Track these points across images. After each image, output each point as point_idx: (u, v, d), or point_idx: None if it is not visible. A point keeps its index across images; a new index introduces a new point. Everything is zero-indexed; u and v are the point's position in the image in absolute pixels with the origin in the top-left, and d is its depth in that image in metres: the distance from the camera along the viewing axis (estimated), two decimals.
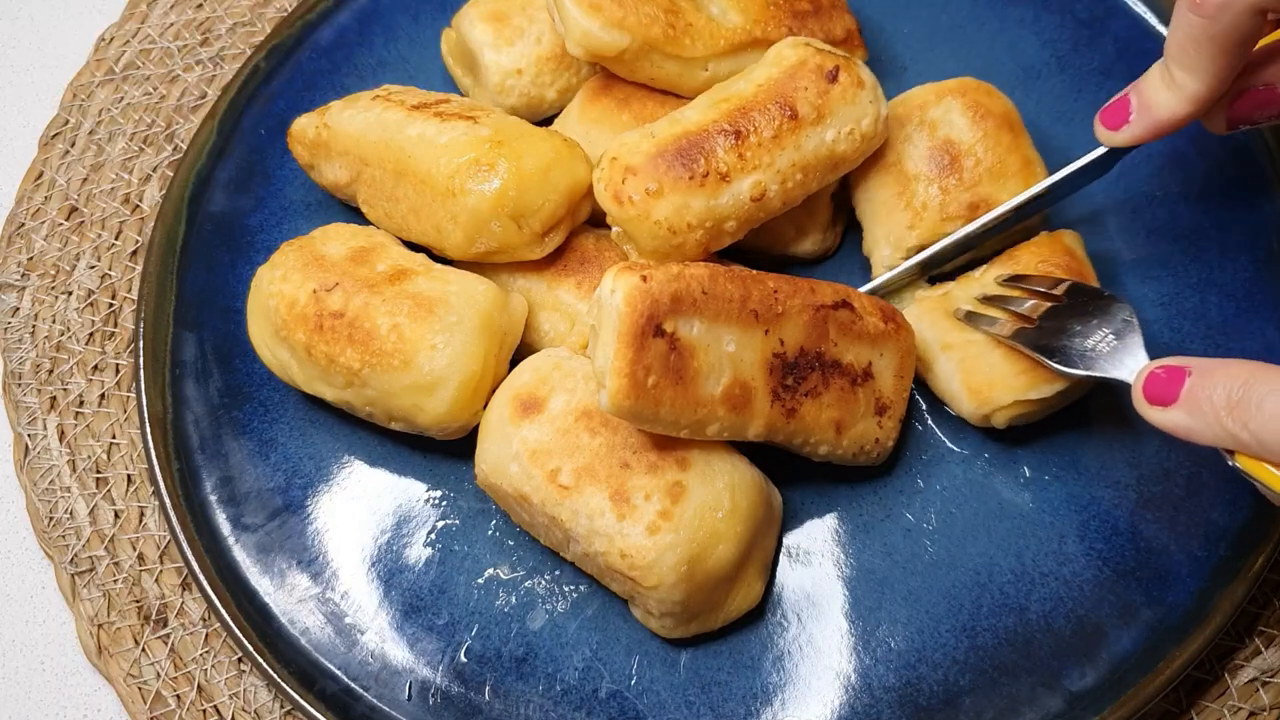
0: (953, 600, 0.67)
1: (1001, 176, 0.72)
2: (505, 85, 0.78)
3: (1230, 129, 0.62)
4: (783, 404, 0.62)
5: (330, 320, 0.67)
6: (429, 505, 0.71)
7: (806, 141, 0.69)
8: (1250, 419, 0.48)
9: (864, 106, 0.70)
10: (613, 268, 0.59)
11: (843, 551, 0.69)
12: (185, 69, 0.92)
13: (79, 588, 0.73)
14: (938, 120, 0.73)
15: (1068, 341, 0.64)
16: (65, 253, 0.85)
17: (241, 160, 0.81)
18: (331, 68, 0.85)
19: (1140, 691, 0.62)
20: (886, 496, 0.70)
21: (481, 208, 0.67)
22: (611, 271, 0.59)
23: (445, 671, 0.66)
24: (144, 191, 0.87)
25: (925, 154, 0.73)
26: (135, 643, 0.71)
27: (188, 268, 0.77)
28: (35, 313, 0.83)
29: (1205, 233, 0.76)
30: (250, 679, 0.70)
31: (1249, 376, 0.48)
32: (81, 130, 0.90)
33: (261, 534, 0.70)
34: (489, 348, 0.66)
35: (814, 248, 0.76)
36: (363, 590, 0.69)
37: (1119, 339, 0.62)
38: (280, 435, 0.73)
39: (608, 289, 0.58)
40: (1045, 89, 0.82)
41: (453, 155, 0.68)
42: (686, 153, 0.67)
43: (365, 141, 0.72)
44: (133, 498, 0.76)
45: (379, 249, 0.70)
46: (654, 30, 0.72)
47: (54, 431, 0.79)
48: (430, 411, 0.66)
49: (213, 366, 0.75)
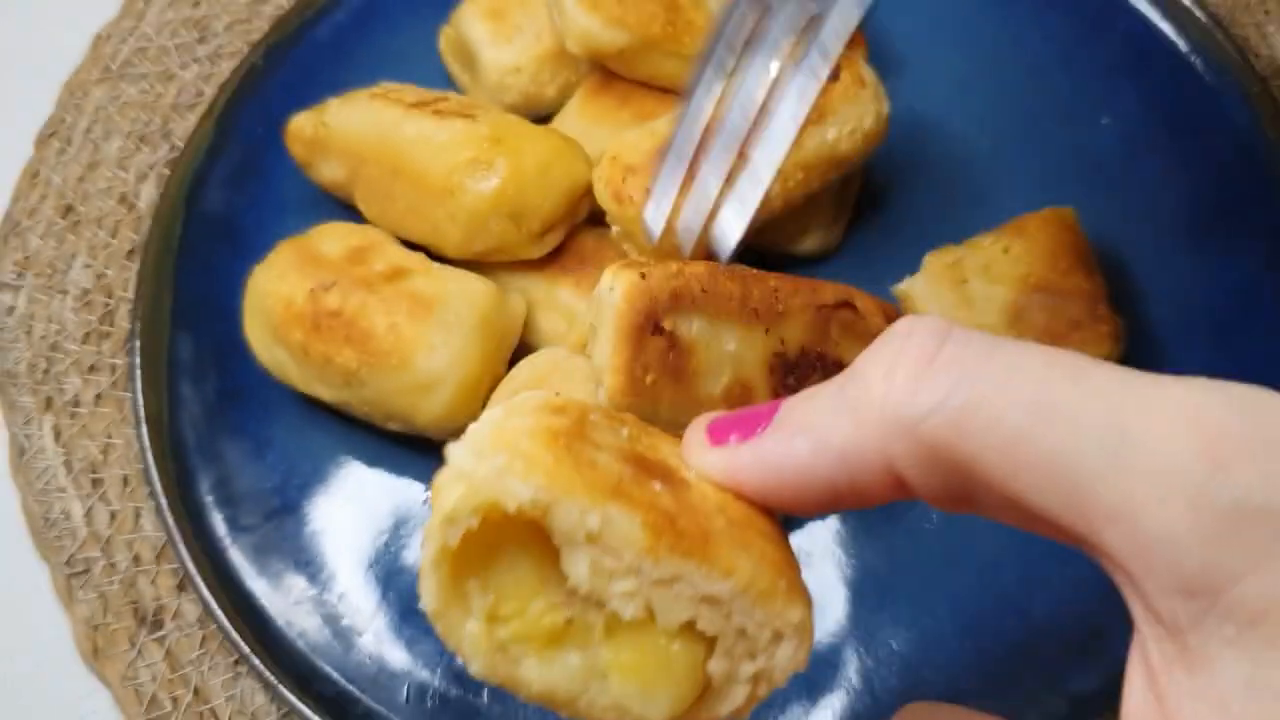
0: (956, 602, 0.66)
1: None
2: (504, 83, 0.78)
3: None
4: None
5: (327, 320, 0.66)
6: (427, 506, 0.70)
7: (808, 140, 0.68)
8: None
9: (866, 105, 0.69)
10: (612, 265, 0.59)
11: (843, 553, 0.68)
12: (182, 67, 0.92)
13: (74, 590, 0.73)
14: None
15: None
16: (61, 252, 0.85)
17: (238, 159, 0.81)
18: (329, 65, 0.84)
19: None
20: None
21: (480, 206, 0.67)
22: (610, 269, 0.58)
23: (443, 674, 0.66)
24: (140, 190, 0.87)
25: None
26: (131, 645, 0.71)
27: (184, 267, 0.77)
28: (31, 312, 0.82)
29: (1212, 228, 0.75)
30: (247, 681, 0.70)
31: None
32: (78, 129, 0.90)
33: (258, 535, 0.70)
34: (487, 347, 0.66)
35: (816, 246, 0.76)
36: (360, 592, 0.68)
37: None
38: (277, 435, 0.73)
39: (606, 286, 0.58)
40: (1050, 86, 0.81)
41: (451, 153, 0.68)
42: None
43: (362, 140, 0.72)
44: (129, 498, 0.76)
45: (376, 248, 0.70)
46: (654, 27, 0.72)
47: (49, 432, 0.78)
48: (428, 411, 0.66)
49: (209, 366, 0.74)
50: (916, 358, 0.33)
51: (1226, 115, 0.77)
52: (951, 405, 0.32)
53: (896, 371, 0.33)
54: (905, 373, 0.33)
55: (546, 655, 0.34)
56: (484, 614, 0.34)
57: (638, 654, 0.34)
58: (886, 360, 0.34)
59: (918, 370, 0.33)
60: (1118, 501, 0.29)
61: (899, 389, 0.33)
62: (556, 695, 0.34)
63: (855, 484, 0.36)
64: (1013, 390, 0.31)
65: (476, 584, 0.34)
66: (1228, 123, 0.77)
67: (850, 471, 0.35)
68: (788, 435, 0.36)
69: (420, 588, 0.34)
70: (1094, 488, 0.30)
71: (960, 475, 0.33)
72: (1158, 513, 0.29)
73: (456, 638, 0.34)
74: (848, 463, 0.35)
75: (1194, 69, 0.79)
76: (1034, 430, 0.30)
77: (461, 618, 0.34)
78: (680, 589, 0.34)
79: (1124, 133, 0.79)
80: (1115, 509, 0.29)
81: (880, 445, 0.34)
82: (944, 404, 0.32)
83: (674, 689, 0.34)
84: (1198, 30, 0.80)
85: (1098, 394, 0.30)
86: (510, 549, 0.35)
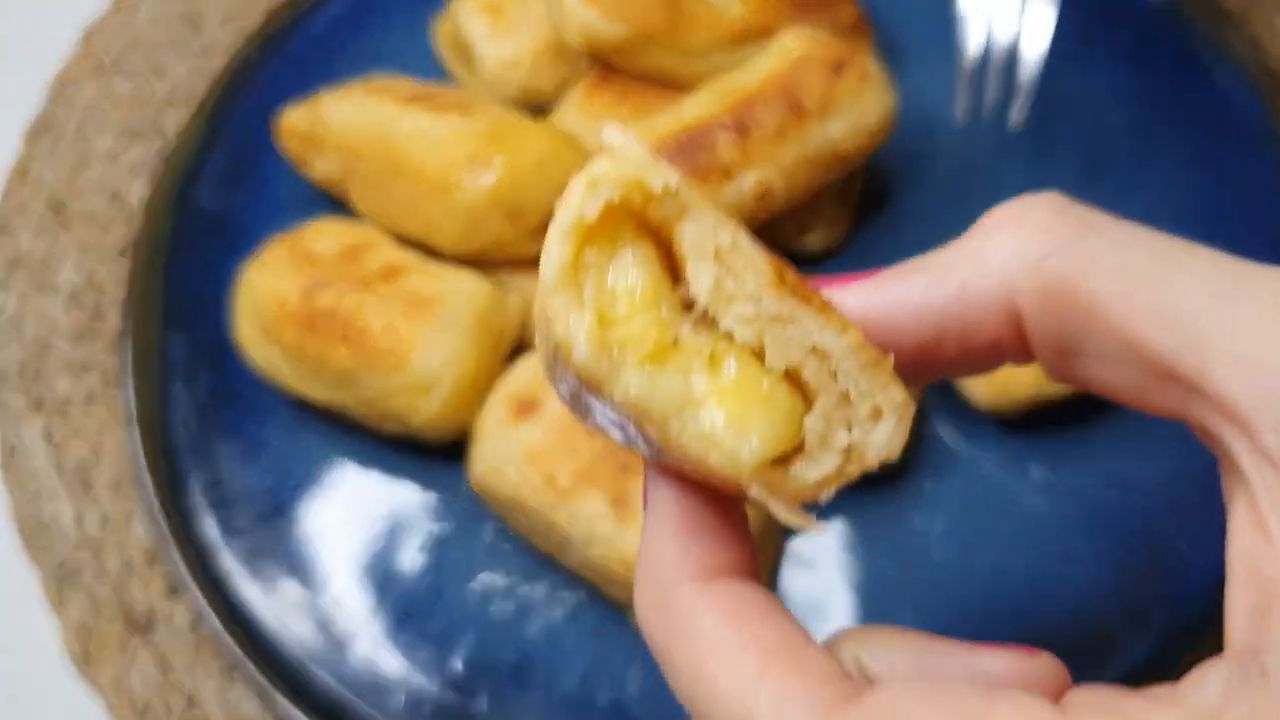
0: (962, 606, 0.66)
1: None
2: (502, 76, 0.77)
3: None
4: None
5: (321, 319, 0.66)
6: (422, 509, 0.70)
7: (811, 136, 0.67)
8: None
9: (871, 100, 0.68)
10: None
11: (848, 557, 0.67)
12: (175, 61, 0.91)
13: (65, 593, 0.72)
14: None
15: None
16: (52, 249, 0.84)
17: (231, 154, 0.80)
18: (323, 59, 0.84)
19: None
20: (893, 501, 0.69)
21: (477, 203, 0.66)
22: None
23: (440, 680, 0.65)
24: (132, 186, 0.86)
25: None
26: (122, 650, 0.70)
27: (176, 264, 0.76)
28: (21, 311, 0.82)
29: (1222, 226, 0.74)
30: (240, 687, 0.69)
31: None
32: (68, 124, 0.89)
33: (251, 538, 0.69)
34: (484, 347, 0.65)
35: (819, 244, 0.75)
36: (355, 597, 0.67)
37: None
38: (271, 437, 0.72)
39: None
40: (1057, 81, 0.80)
41: (447, 149, 0.67)
42: (687, 147, 0.66)
43: (357, 135, 0.71)
44: (120, 501, 0.75)
45: (371, 245, 0.69)
46: (653, 21, 0.71)
47: (40, 433, 0.77)
48: (425, 412, 0.65)
49: (201, 366, 0.74)
50: (1047, 207, 0.35)
51: (1237, 112, 0.77)
52: (1081, 245, 0.33)
53: (1026, 220, 0.35)
54: (1036, 220, 0.35)
55: (647, 369, 0.33)
56: (595, 310, 0.33)
57: (740, 386, 0.33)
58: (1013, 214, 0.35)
59: (1048, 218, 0.34)
60: (1235, 340, 0.30)
61: (1029, 230, 0.34)
62: (651, 410, 0.33)
63: (966, 322, 0.36)
64: (1140, 240, 0.33)
65: (592, 282, 0.34)
66: (1238, 120, 0.76)
67: (965, 307, 0.35)
68: (904, 271, 0.37)
69: (544, 259, 0.33)
70: (1211, 327, 0.31)
71: (1078, 317, 0.33)
72: (1277, 351, 0.30)
73: (564, 321, 0.33)
74: (965, 297, 0.35)
75: (1204, 65, 0.79)
76: (1158, 272, 0.32)
77: (575, 300, 0.33)
78: (793, 332, 0.33)
79: (1132, 129, 0.78)
80: (1232, 348, 0.30)
81: (1004, 278, 0.35)
82: (1074, 243, 0.33)
83: (769, 429, 0.33)
84: (1208, 26, 0.79)
85: (1212, 255, 0.32)
86: (625, 264, 0.34)
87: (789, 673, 0.32)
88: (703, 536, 0.35)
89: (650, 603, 0.36)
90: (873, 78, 0.68)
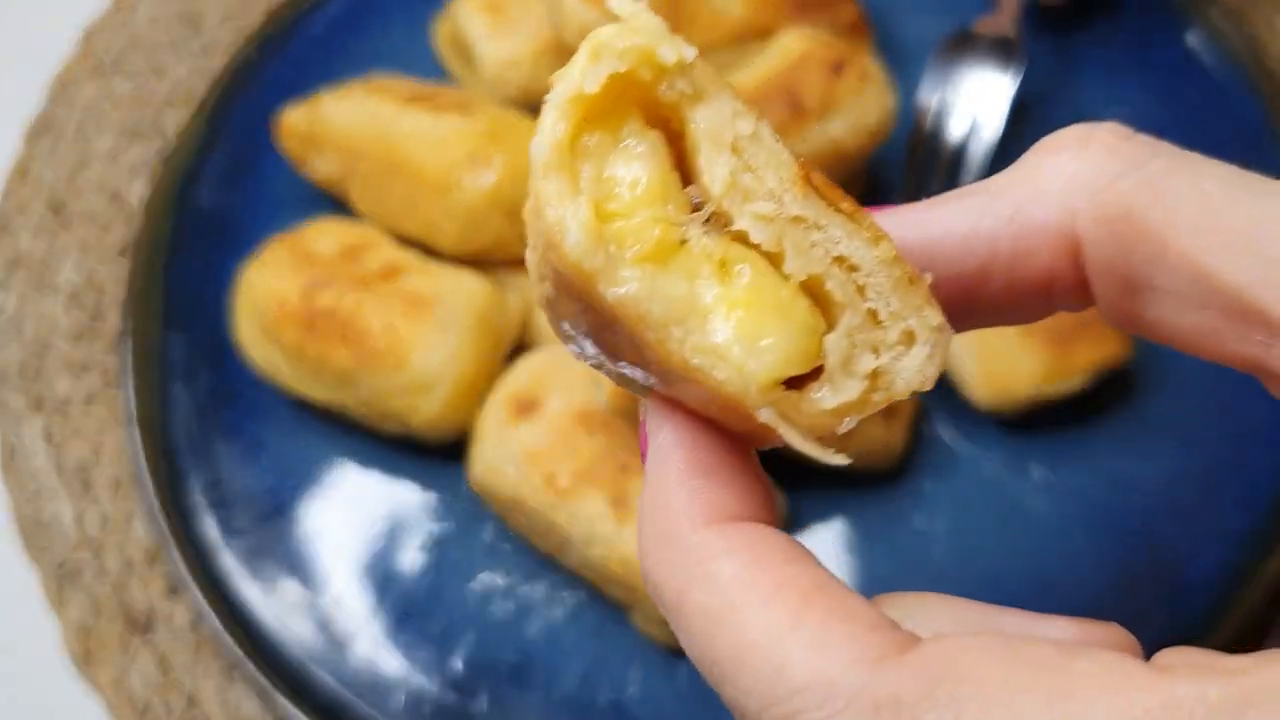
0: None
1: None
2: (501, 76, 0.77)
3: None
4: None
5: (321, 319, 0.65)
6: (422, 509, 0.70)
7: (811, 136, 0.67)
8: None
9: (871, 100, 0.68)
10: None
11: (848, 557, 0.67)
12: (175, 61, 0.91)
13: (65, 593, 0.72)
14: None
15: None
16: (52, 249, 0.84)
17: (231, 154, 0.80)
18: (323, 59, 0.83)
19: None
20: (893, 500, 0.69)
21: (477, 202, 0.66)
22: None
23: (440, 680, 0.65)
24: (132, 186, 0.86)
25: None
26: (123, 650, 0.70)
27: (176, 264, 0.76)
28: (22, 311, 0.81)
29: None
30: (240, 687, 0.69)
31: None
32: (68, 124, 0.89)
33: (251, 538, 0.69)
34: (484, 347, 0.65)
35: None
36: (355, 596, 0.67)
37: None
38: (270, 437, 0.72)
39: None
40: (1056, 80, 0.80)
41: (448, 149, 0.67)
42: None
43: (357, 135, 0.71)
44: (120, 500, 0.75)
45: (370, 245, 0.69)
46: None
47: (40, 433, 0.77)
48: (424, 412, 0.65)
49: (201, 365, 0.73)
50: (1110, 131, 0.31)
51: (1236, 111, 0.76)
52: (1150, 169, 0.29)
53: (1090, 142, 0.31)
54: (1101, 141, 0.30)
55: (650, 270, 0.28)
56: (592, 201, 0.29)
57: (753, 294, 0.29)
58: (1074, 137, 0.31)
59: (1114, 141, 0.30)
60: None
61: (1094, 152, 0.30)
62: (650, 315, 0.28)
63: (1018, 253, 0.31)
64: (1213, 168, 0.29)
65: (590, 170, 0.29)
66: (1237, 118, 0.76)
67: (1018, 235, 0.31)
68: (954, 197, 0.32)
69: (536, 137, 0.29)
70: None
71: (1148, 248, 0.29)
72: None
73: (559, 205, 0.28)
74: (1019, 222, 0.31)
75: (1203, 64, 0.78)
76: (1239, 199, 0.28)
77: (570, 185, 0.29)
78: (818, 238, 0.29)
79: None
80: None
81: (1064, 203, 0.30)
82: (1143, 165, 0.29)
83: (784, 343, 0.29)
84: (1207, 25, 0.79)
85: None
86: (628, 154, 0.30)
87: (830, 618, 0.27)
88: (714, 479, 0.30)
89: (659, 556, 0.30)
90: (873, 78, 0.68)
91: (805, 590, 0.27)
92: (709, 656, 0.29)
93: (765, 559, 0.28)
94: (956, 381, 0.69)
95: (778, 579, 0.28)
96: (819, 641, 0.26)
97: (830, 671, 0.25)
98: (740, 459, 0.31)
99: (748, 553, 0.28)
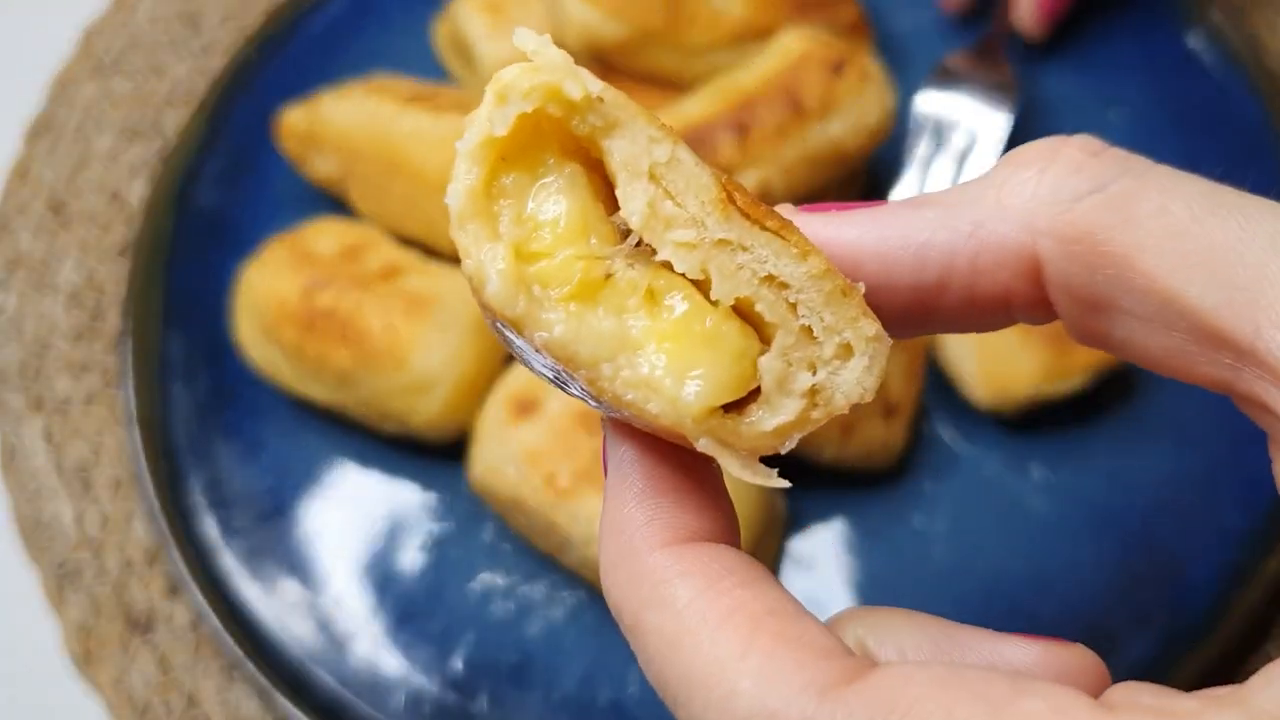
0: (963, 606, 0.65)
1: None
2: None
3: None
4: None
5: (321, 319, 0.65)
6: (422, 509, 0.70)
7: (811, 135, 0.67)
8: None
9: (870, 99, 0.68)
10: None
11: (848, 557, 0.67)
12: (174, 61, 0.91)
13: (65, 593, 0.72)
14: None
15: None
16: (52, 249, 0.84)
17: (230, 154, 0.80)
18: (323, 60, 0.83)
19: None
20: (893, 500, 0.69)
21: None
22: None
23: (440, 680, 0.65)
24: (132, 186, 0.86)
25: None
26: (122, 649, 0.70)
27: (176, 264, 0.76)
28: (21, 311, 0.81)
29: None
30: (240, 687, 0.69)
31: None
32: (68, 124, 0.89)
33: (251, 538, 0.69)
34: (484, 347, 0.65)
35: None
36: (355, 596, 0.67)
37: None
38: (270, 437, 0.72)
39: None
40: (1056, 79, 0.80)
41: (447, 149, 0.67)
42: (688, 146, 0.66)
43: (357, 135, 0.71)
44: (120, 500, 0.75)
45: (370, 245, 0.69)
46: (654, 20, 0.71)
47: (40, 432, 0.77)
48: (424, 412, 0.65)
49: (201, 365, 0.73)
50: (1080, 146, 0.30)
51: (1236, 111, 0.76)
52: (1115, 190, 0.29)
53: (1056, 157, 0.30)
54: (1068, 158, 0.30)
55: (575, 309, 0.28)
56: (512, 244, 0.28)
57: (681, 325, 0.29)
58: (1042, 151, 0.30)
59: (1081, 157, 0.30)
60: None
61: (1060, 169, 0.30)
62: (579, 355, 0.28)
63: (977, 268, 0.30)
64: (1181, 186, 0.28)
65: (509, 212, 0.29)
66: (1237, 118, 0.76)
67: (977, 250, 0.30)
68: (913, 205, 0.31)
69: (451, 182, 0.29)
70: (1269, 285, 0.27)
71: (1111, 269, 0.29)
72: None
73: (477, 253, 0.28)
74: (978, 238, 0.30)
75: (1203, 64, 0.78)
76: (1203, 222, 0.27)
77: (488, 231, 0.28)
78: (745, 260, 0.29)
79: (1132, 127, 0.78)
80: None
81: (1025, 221, 0.30)
82: (1107, 186, 0.29)
83: (716, 371, 0.28)
84: (1207, 25, 0.79)
85: (1267, 204, 0.28)
86: (548, 191, 0.29)
87: (779, 645, 0.27)
88: (672, 499, 0.30)
89: (617, 577, 0.30)
90: (873, 77, 0.68)
91: (757, 615, 0.28)
92: (663, 679, 0.29)
93: (720, 583, 0.29)
94: (956, 381, 0.69)
95: (731, 604, 0.28)
96: (766, 670, 0.26)
97: (774, 703, 0.26)
98: (698, 477, 0.31)
99: (702, 577, 0.29)
